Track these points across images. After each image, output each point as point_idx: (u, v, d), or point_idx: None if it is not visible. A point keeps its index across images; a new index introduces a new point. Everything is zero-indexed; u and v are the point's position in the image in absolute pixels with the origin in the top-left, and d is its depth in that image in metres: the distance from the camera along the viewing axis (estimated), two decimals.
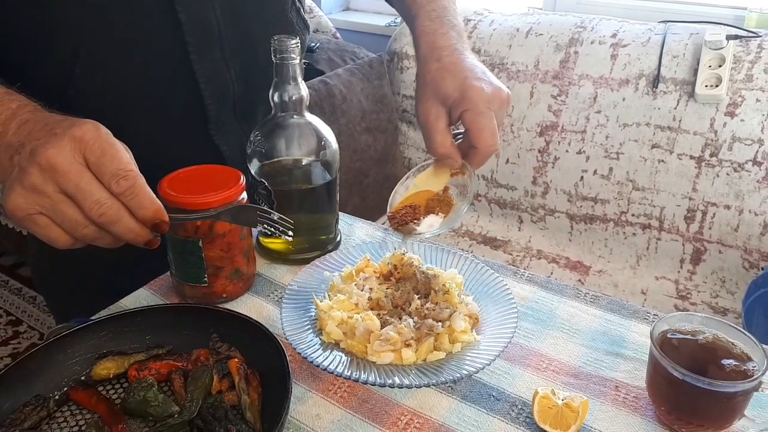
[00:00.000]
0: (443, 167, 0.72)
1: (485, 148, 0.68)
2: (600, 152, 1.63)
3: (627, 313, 0.74)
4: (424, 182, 0.73)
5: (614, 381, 0.64)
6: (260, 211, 0.67)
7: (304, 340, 0.64)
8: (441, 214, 0.70)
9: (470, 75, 0.69)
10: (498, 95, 0.68)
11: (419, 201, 0.72)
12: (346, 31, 2.34)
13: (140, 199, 0.55)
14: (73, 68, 0.74)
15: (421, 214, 0.70)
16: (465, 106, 0.67)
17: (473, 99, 0.67)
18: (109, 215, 0.54)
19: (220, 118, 0.86)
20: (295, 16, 0.93)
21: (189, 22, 0.77)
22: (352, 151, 1.75)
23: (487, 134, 0.67)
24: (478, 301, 0.71)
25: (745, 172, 1.47)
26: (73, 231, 0.55)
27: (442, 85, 0.70)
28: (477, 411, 0.61)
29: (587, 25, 1.69)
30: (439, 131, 0.70)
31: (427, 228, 0.69)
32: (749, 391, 0.55)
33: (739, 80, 1.48)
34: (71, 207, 0.54)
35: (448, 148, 0.70)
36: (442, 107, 0.70)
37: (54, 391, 0.60)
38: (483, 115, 0.67)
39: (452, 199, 0.71)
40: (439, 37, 0.74)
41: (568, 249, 1.73)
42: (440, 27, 0.76)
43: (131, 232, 0.56)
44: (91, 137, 0.54)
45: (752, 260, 1.49)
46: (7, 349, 2.04)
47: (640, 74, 1.58)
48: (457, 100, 0.68)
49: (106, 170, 0.54)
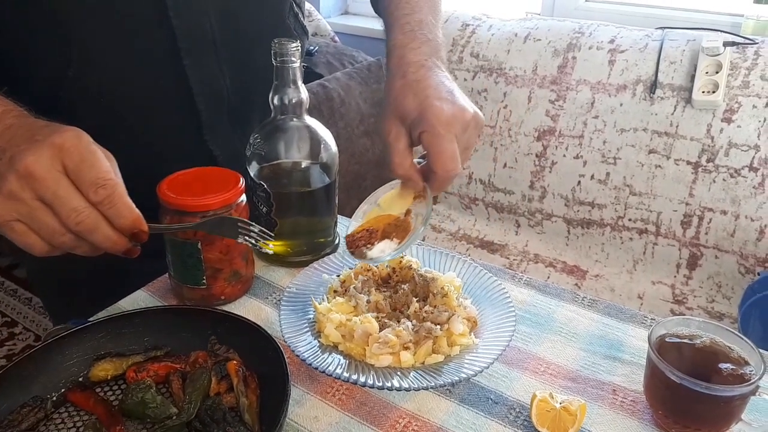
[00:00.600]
0: (408, 190, 0.69)
1: (443, 173, 0.64)
2: (597, 157, 1.64)
3: (624, 317, 0.75)
4: (388, 203, 0.72)
5: (612, 385, 0.65)
6: (241, 222, 0.67)
7: (303, 342, 0.64)
8: (396, 240, 0.68)
9: (432, 94, 0.65)
10: (461, 115, 0.64)
11: (379, 224, 0.70)
12: (345, 34, 2.34)
13: (118, 208, 0.55)
14: (66, 71, 0.74)
15: (377, 239, 0.69)
16: (423, 127, 0.64)
17: (431, 120, 0.63)
18: (86, 224, 0.54)
19: (214, 123, 0.85)
20: (293, 22, 0.93)
21: (182, 28, 0.77)
22: (350, 155, 1.75)
23: (445, 158, 0.63)
24: (477, 304, 0.71)
25: (741, 177, 1.47)
26: (50, 239, 0.54)
27: (403, 103, 0.66)
28: (475, 414, 0.61)
29: (585, 31, 1.70)
30: (398, 151, 0.66)
31: (378, 253, 0.68)
32: (746, 396, 0.55)
33: (735, 86, 1.48)
34: (48, 215, 0.53)
35: (406, 169, 0.66)
36: (402, 126, 0.66)
37: (52, 392, 0.60)
38: (441, 137, 0.63)
39: (411, 225, 0.69)
40: (409, 52, 0.71)
41: (565, 253, 1.73)
42: (411, 41, 0.72)
43: (109, 241, 0.56)
44: (70, 145, 0.54)
45: (748, 265, 1.50)
46: (2, 350, 2.03)
47: (637, 80, 1.59)
48: (416, 120, 0.65)
49: (84, 178, 0.54)
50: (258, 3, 0.85)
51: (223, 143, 0.88)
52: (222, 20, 0.80)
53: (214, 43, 0.81)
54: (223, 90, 0.84)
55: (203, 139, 0.85)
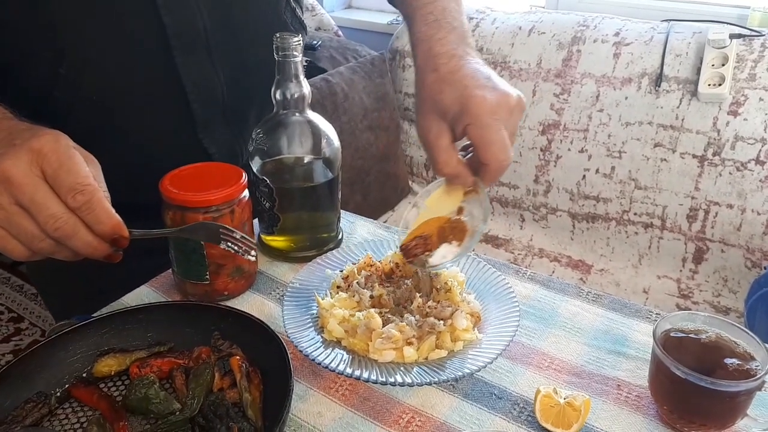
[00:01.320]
0: (455, 187, 0.66)
1: (495, 163, 0.60)
2: (602, 151, 1.63)
3: (629, 312, 0.74)
4: (436, 204, 0.68)
5: (616, 380, 0.64)
6: (223, 229, 0.66)
7: (306, 337, 0.64)
8: (455, 242, 0.65)
9: (471, 83, 0.61)
10: (505, 102, 0.61)
11: (430, 229, 0.67)
12: (348, 29, 2.33)
13: (97, 213, 0.54)
14: (58, 70, 0.73)
15: (434, 245, 0.66)
16: (467, 120, 0.60)
17: (475, 111, 0.60)
18: (64, 230, 0.53)
19: (209, 121, 0.85)
20: (290, 17, 0.92)
21: (173, 26, 0.76)
22: (353, 149, 1.74)
23: (496, 148, 0.60)
24: (480, 299, 0.71)
25: (747, 171, 1.46)
26: (30, 244, 0.54)
27: (441, 98, 0.62)
28: (479, 409, 0.61)
29: (590, 24, 1.69)
30: (441, 150, 0.62)
31: (441, 259, 0.65)
32: (752, 391, 0.55)
33: (742, 79, 1.47)
34: (27, 220, 0.53)
35: (453, 167, 0.63)
36: (442, 122, 0.63)
37: (55, 388, 0.60)
38: (488, 127, 0.59)
39: (465, 225, 0.66)
40: (436, 44, 0.67)
41: (570, 248, 1.73)
42: (437, 32, 0.68)
43: (89, 247, 0.56)
44: (49, 149, 0.53)
45: (754, 259, 1.49)
46: (9, 345, 2.04)
47: (642, 73, 1.57)
48: (458, 113, 0.61)
49: (62, 183, 0.53)
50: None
51: (219, 141, 0.87)
52: (215, 17, 0.79)
53: (207, 40, 0.80)
54: (218, 87, 0.84)
55: (198, 137, 0.85)
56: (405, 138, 1.96)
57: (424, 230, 0.68)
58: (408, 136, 1.96)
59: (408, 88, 1.92)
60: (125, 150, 0.58)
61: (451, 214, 0.67)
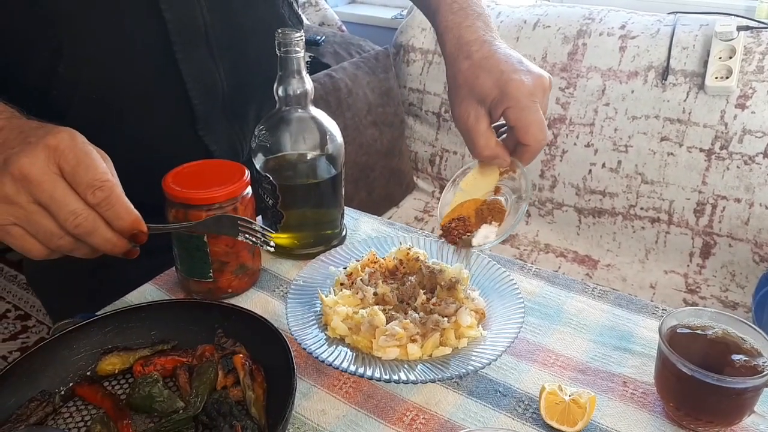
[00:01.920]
0: (490, 167, 0.67)
1: (535, 144, 0.63)
2: (608, 145, 1.62)
3: (635, 308, 0.74)
4: (472, 185, 0.69)
5: (622, 376, 0.64)
6: (241, 221, 0.66)
7: (310, 335, 0.64)
8: (494, 222, 0.66)
9: (507, 68, 0.63)
10: (540, 83, 0.63)
11: (467, 211, 0.68)
12: (352, 24, 2.33)
13: (117, 209, 0.54)
14: (56, 67, 0.73)
15: (473, 226, 0.67)
16: (507, 104, 0.62)
17: (515, 95, 0.62)
18: (84, 226, 0.53)
19: (209, 117, 0.84)
20: (287, 11, 0.91)
21: (174, 21, 0.75)
22: (358, 145, 1.74)
23: (536, 129, 0.62)
24: (485, 296, 0.70)
25: (755, 164, 1.45)
26: (48, 242, 0.54)
27: (477, 84, 0.64)
28: (483, 407, 0.61)
29: (595, 17, 1.67)
30: (481, 133, 0.64)
31: (483, 240, 0.66)
32: (759, 387, 0.54)
33: (749, 72, 1.46)
34: (46, 218, 0.53)
35: (493, 149, 0.65)
36: (480, 107, 0.64)
37: (59, 386, 0.60)
38: (528, 109, 0.62)
39: (503, 205, 0.67)
40: (465, 31, 0.68)
41: (576, 243, 1.72)
42: (464, 19, 0.69)
43: (108, 243, 0.55)
44: (66, 146, 0.53)
45: (762, 254, 1.48)
46: (16, 343, 2.05)
47: (649, 66, 1.56)
48: (497, 98, 0.63)
49: (81, 180, 0.53)
50: None
51: (219, 137, 0.87)
52: (215, 12, 0.79)
53: (207, 35, 0.79)
54: (218, 83, 0.83)
55: (198, 134, 0.84)
56: (409, 133, 1.96)
57: (460, 212, 0.68)
58: (412, 131, 1.95)
59: (412, 83, 1.91)
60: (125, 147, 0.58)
61: (488, 195, 0.68)
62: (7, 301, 2.24)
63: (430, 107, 1.89)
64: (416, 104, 1.92)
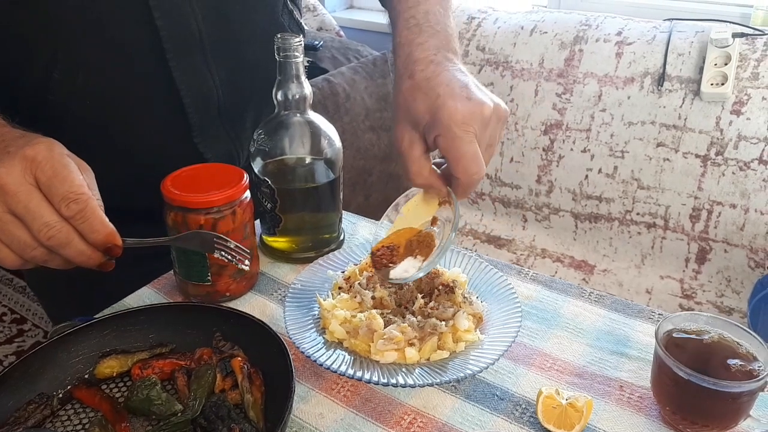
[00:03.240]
0: (432, 195, 0.65)
1: (466, 178, 0.58)
2: (605, 151, 1.63)
3: (632, 313, 0.74)
4: (412, 211, 0.67)
5: (619, 381, 0.64)
6: (217, 238, 0.66)
7: (308, 338, 0.64)
8: (420, 257, 0.64)
9: (444, 92, 0.59)
10: (478, 112, 0.58)
11: (400, 240, 0.66)
12: (350, 29, 2.33)
13: (91, 222, 0.54)
14: (51, 73, 0.73)
15: (400, 258, 0.65)
16: (437, 131, 0.58)
17: (445, 122, 0.57)
18: (58, 238, 0.53)
19: (204, 125, 0.84)
20: (287, 19, 0.91)
21: (167, 29, 0.75)
22: (355, 150, 1.74)
23: (466, 161, 0.57)
24: (482, 300, 0.71)
25: (750, 170, 1.46)
26: (22, 252, 0.54)
27: (413, 107, 0.60)
28: (481, 410, 0.61)
29: (592, 23, 1.68)
30: (413, 160, 0.61)
31: (401, 273, 0.64)
32: (755, 391, 0.55)
33: (745, 78, 1.47)
34: (20, 228, 0.53)
35: (426, 178, 0.61)
36: (414, 132, 0.61)
37: (57, 389, 0.60)
38: (459, 139, 0.57)
39: (434, 240, 0.64)
40: (416, 48, 0.64)
41: (573, 248, 1.72)
42: (417, 36, 0.65)
43: (82, 255, 0.56)
44: (43, 157, 0.53)
45: (758, 259, 1.49)
46: (12, 347, 2.05)
47: (645, 72, 1.57)
48: (429, 123, 0.59)
49: (56, 192, 0.53)
50: (248, 1, 0.83)
51: (214, 145, 0.86)
52: (210, 19, 0.78)
53: (202, 42, 0.79)
54: (213, 91, 0.83)
55: (193, 141, 0.84)
56: None
57: (394, 240, 0.67)
58: None
59: None
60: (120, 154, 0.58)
61: (424, 224, 0.66)
62: (3, 305, 2.24)
63: None
64: None
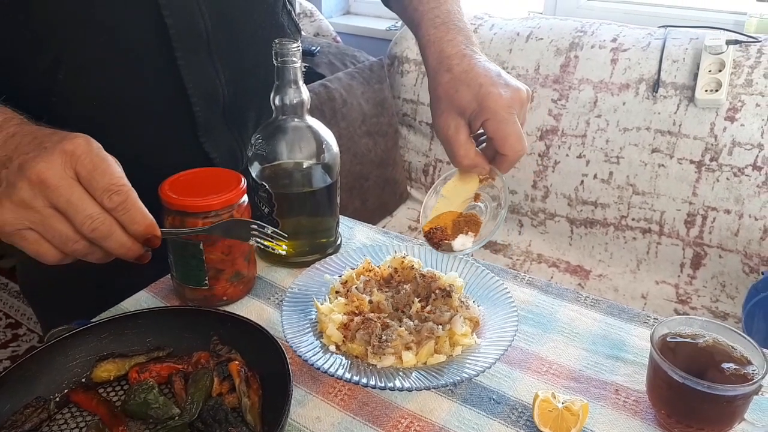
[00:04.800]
0: (470, 175, 0.70)
1: (513, 153, 0.66)
2: (600, 156, 1.64)
3: (627, 317, 0.74)
4: (452, 192, 0.71)
5: (614, 384, 0.65)
6: (253, 224, 0.67)
7: (305, 342, 0.64)
8: (471, 233, 0.69)
9: (485, 81, 0.66)
10: (517, 96, 0.66)
11: (444, 222, 0.71)
12: (347, 35, 2.34)
13: (132, 214, 0.55)
14: (56, 74, 0.73)
15: (450, 236, 0.69)
16: (485, 116, 0.65)
17: (493, 107, 0.65)
18: (101, 230, 0.54)
19: (210, 124, 0.85)
20: (286, 20, 0.92)
21: (176, 27, 0.75)
22: (352, 155, 1.75)
23: (513, 140, 0.65)
24: (479, 304, 0.71)
25: (745, 176, 1.47)
26: (63, 246, 0.54)
27: (457, 97, 0.67)
28: (477, 414, 0.61)
29: (587, 30, 1.69)
30: (460, 144, 0.67)
31: (461, 246, 0.69)
32: (749, 395, 0.55)
33: (738, 85, 1.48)
34: (62, 222, 0.53)
35: (472, 158, 0.68)
36: (460, 119, 0.67)
37: (54, 393, 0.60)
38: (506, 121, 0.65)
39: (479, 218, 0.70)
40: (446, 45, 0.71)
41: (569, 253, 1.73)
42: (446, 33, 0.72)
43: (123, 247, 0.56)
44: (82, 151, 0.54)
45: (752, 265, 1.49)
46: (6, 351, 2.04)
47: (640, 79, 1.58)
48: (476, 110, 0.66)
49: (97, 185, 0.54)
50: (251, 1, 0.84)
51: (219, 144, 0.87)
52: (216, 19, 0.79)
53: (208, 41, 0.79)
54: (218, 90, 0.83)
55: (199, 140, 0.84)
56: (403, 143, 1.97)
57: (438, 223, 0.70)
58: (406, 141, 1.97)
59: (406, 93, 1.93)
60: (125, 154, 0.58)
61: (468, 201, 0.71)
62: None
63: (424, 118, 1.91)
64: (410, 115, 1.93)
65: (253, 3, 0.85)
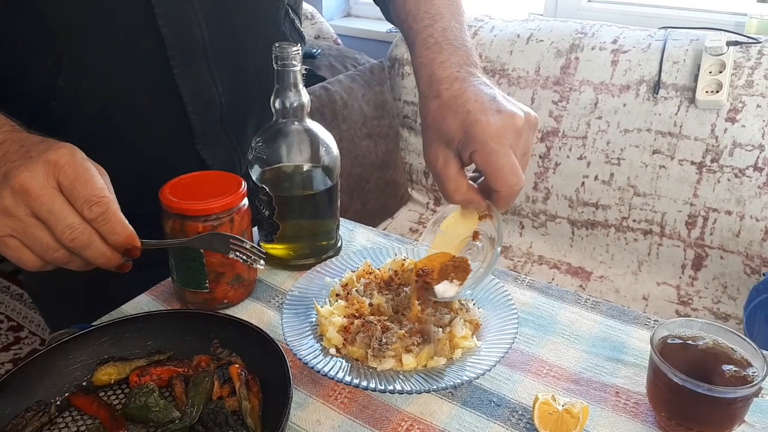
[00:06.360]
0: (470, 210, 0.65)
1: (506, 189, 0.58)
2: (601, 158, 1.64)
3: (627, 319, 0.74)
4: (452, 228, 0.67)
5: (614, 387, 0.64)
6: (233, 238, 0.67)
7: (305, 345, 0.64)
8: (456, 281, 0.65)
9: (474, 108, 0.59)
10: (510, 123, 0.58)
11: (435, 264, 0.67)
12: (348, 37, 2.34)
13: (112, 225, 0.56)
14: (55, 80, 0.73)
15: (434, 282, 0.66)
16: (473, 147, 0.58)
17: (480, 138, 0.57)
18: (80, 240, 0.55)
19: (207, 131, 0.85)
20: (288, 28, 0.91)
21: (171, 36, 0.76)
22: (353, 157, 1.75)
23: (505, 174, 0.57)
24: (479, 307, 0.71)
25: (746, 177, 1.47)
26: (44, 254, 0.55)
27: (444, 126, 0.60)
28: (477, 417, 0.61)
29: (588, 31, 1.70)
30: (450, 178, 0.61)
31: (442, 293, 0.65)
32: (749, 397, 0.55)
33: (739, 86, 1.48)
34: (42, 231, 0.54)
35: (464, 194, 0.61)
36: (448, 150, 0.61)
37: (55, 396, 0.60)
38: (495, 153, 0.57)
39: (468, 265, 0.65)
40: (438, 68, 0.64)
41: (570, 255, 1.73)
42: (438, 55, 0.65)
43: (102, 257, 0.57)
44: (65, 162, 0.54)
45: (754, 266, 1.49)
46: (8, 354, 2.04)
47: (640, 80, 1.58)
48: (462, 140, 0.59)
49: (79, 195, 0.54)
50: (251, 10, 0.84)
51: (216, 151, 0.87)
52: (213, 27, 0.79)
53: (205, 50, 0.79)
54: (216, 98, 0.83)
55: (195, 148, 0.84)
56: (404, 146, 1.97)
57: (427, 264, 0.68)
58: (407, 143, 1.97)
59: (407, 96, 1.93)
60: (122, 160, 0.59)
61: (466, 240, 0.67)
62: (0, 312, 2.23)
63: None
64: (411, 117, 1.94)
65: (254, 12, 0.84)
